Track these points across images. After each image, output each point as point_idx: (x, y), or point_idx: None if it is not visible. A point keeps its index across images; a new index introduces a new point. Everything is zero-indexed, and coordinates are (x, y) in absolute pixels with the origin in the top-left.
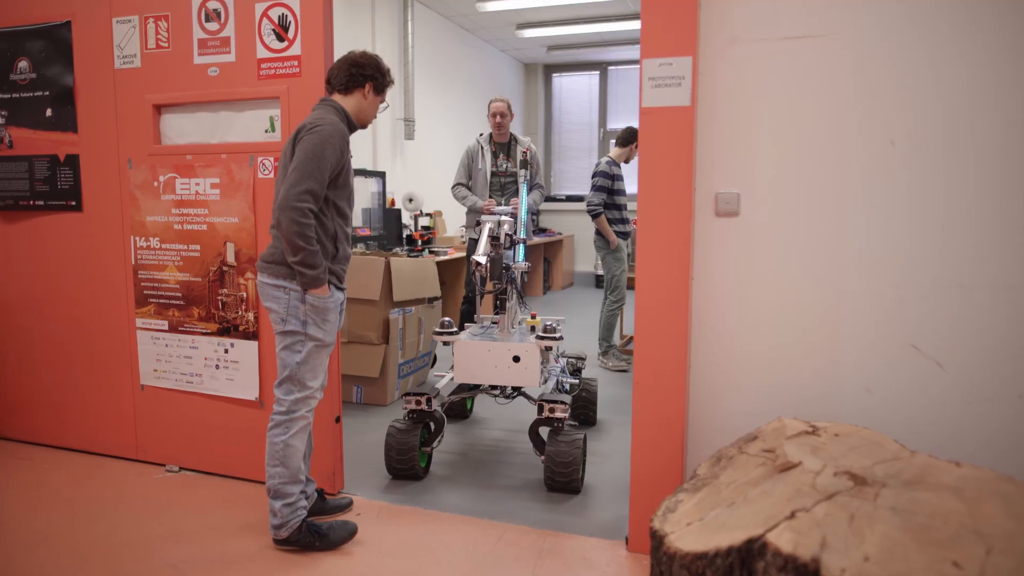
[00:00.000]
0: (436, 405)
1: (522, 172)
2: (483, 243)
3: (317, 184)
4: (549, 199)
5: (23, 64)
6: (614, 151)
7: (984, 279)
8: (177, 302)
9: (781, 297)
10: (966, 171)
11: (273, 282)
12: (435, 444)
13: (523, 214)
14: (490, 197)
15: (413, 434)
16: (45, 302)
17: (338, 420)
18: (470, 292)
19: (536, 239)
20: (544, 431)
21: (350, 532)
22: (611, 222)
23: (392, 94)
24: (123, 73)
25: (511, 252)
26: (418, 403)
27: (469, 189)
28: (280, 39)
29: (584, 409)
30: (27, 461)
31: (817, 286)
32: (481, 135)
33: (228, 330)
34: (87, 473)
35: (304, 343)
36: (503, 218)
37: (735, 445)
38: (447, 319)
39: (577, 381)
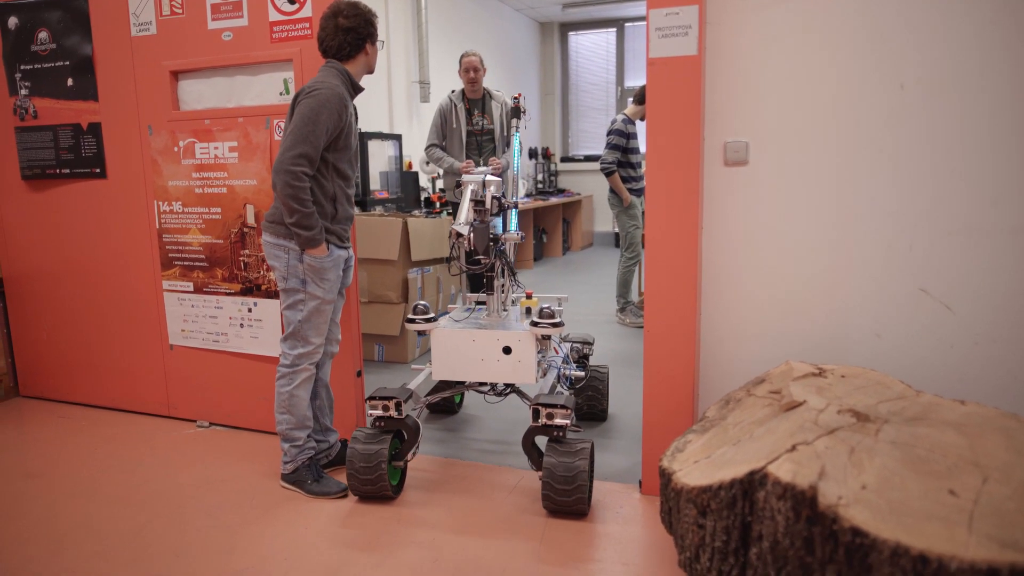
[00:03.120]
0: (409, 410)
1: (515, 122)
2: (465, 209)
3: (311, 148)
4: (567, 159)
5: (43, 35)
6: (630, 108)
7: (992, 222)
8: (201, 264)
9: (790, 244)
10: (975, 115)
11: (274, 241)
12: (409, 457)
13: (516, 166)
14: (467, 158)
15: (380, 446)
16: (75, 267)
17: (359, 374)
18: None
19: (554, 199)
20: (542, 440)
21: (341, 489)
22: (625, 180)
23: (407, 57)
24: (140, 40)
25: (500, 220)
26: (385, 409)
27: (444, 150)
28: (291, 1)
29: (592, 403)
30: (66, 419)
31: (826, 232)
32: (453, 92)
33: (251, 290)
34: (122, 429)
35: (306, 302)
36: (489, 178)
37: (743, 388)
38: (422, 303)
39: (583, 372)
